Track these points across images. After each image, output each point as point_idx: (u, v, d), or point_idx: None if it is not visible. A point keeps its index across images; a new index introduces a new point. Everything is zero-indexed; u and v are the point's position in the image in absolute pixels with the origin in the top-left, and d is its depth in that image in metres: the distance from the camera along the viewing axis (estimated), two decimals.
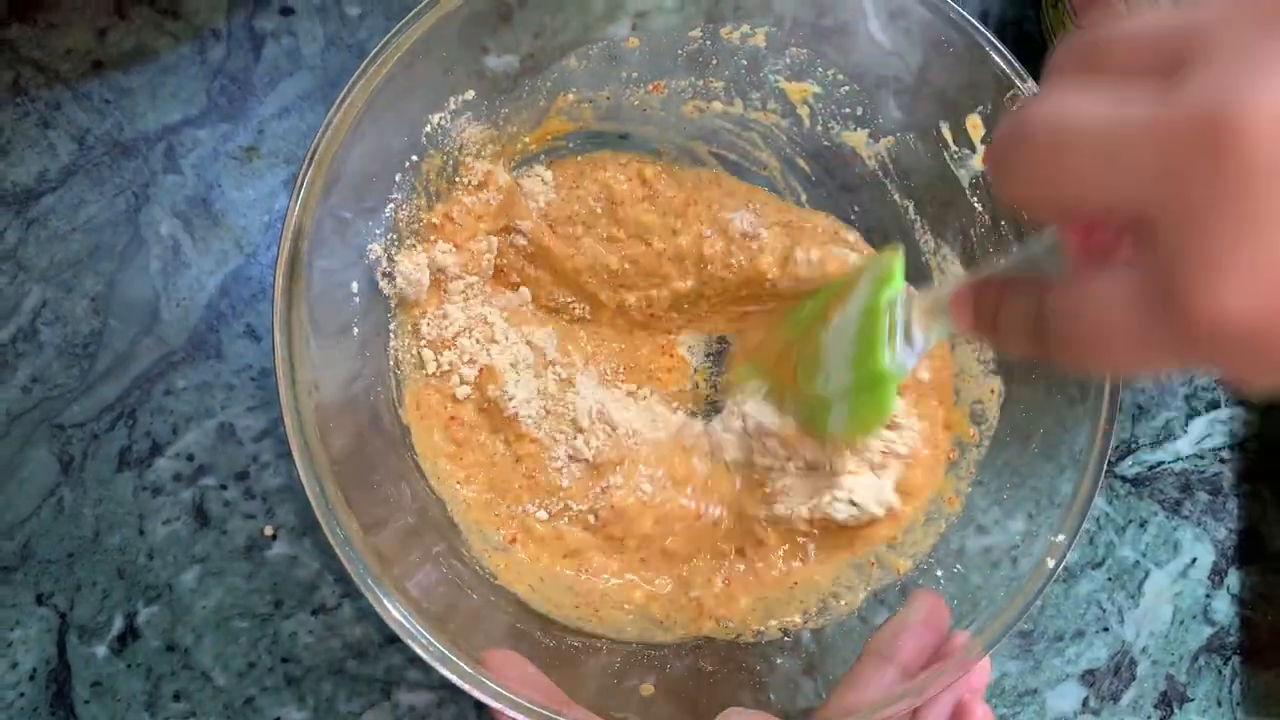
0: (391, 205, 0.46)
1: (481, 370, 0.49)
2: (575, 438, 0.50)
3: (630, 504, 0.49)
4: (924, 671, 0.40)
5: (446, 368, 0.49)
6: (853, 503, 0.47)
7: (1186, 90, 0.21)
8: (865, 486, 0.48)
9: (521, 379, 0.50)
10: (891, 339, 0.40)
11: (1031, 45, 0.62)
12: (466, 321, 0.50)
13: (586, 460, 0.49)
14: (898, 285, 0.41)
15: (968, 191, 0.49)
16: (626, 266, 0.53)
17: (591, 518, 0.49)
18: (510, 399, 0.49)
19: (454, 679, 0.37)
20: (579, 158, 0.53)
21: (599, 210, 0.53)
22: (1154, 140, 0.21)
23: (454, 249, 0.49)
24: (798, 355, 0.49)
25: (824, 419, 0.47)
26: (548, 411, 0.50)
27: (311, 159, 0.40)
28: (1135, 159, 0.22)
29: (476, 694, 0.37)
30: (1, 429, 0.52)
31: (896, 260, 0.42)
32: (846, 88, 0.50)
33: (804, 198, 0.55)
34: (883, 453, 0.48)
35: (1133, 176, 0.22)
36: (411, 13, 0.42)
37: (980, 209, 0.49)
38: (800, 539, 0.50)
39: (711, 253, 0.52)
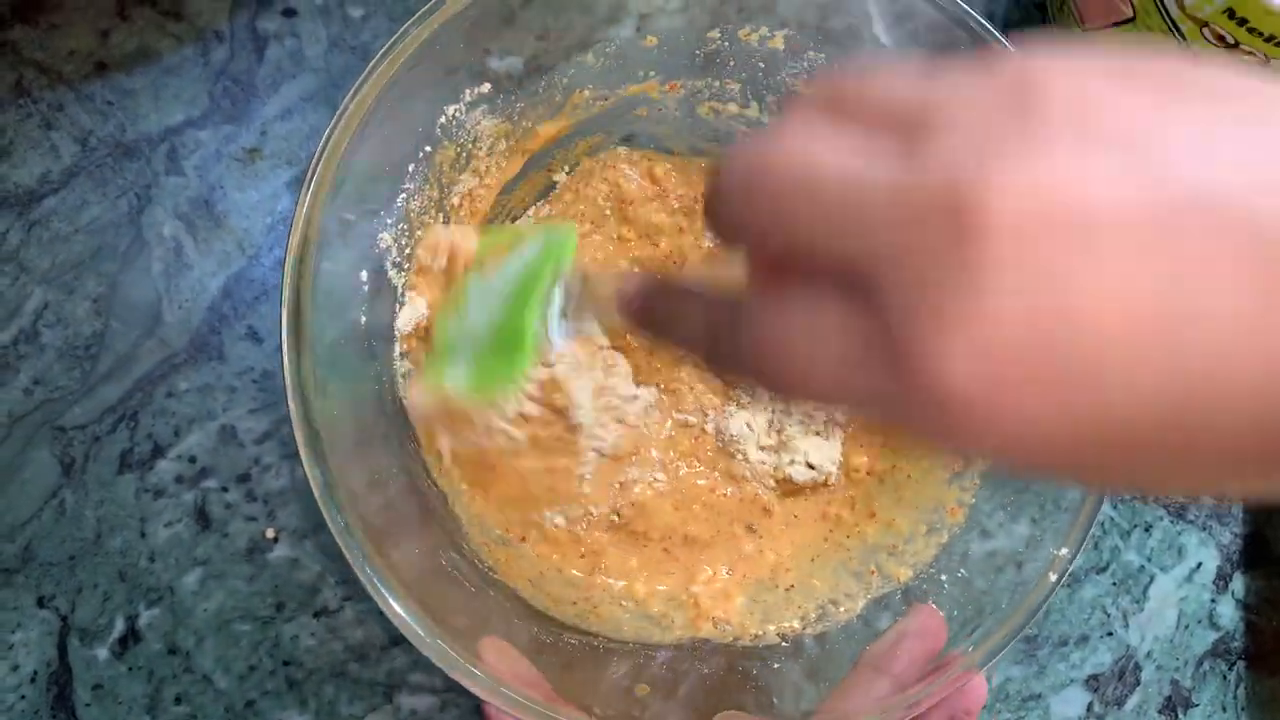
0: (404, 196, 0.46)
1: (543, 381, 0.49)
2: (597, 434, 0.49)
3: (649, 496, 0.50)
4: (918, 684, 0.40)
5: None
6: (809, 464, 0.50)
7: (928, 162, 0.21)
8: (817, 449, 0.51)
9: (582, 381, 0.50)
10: (545, 309, 0.38)
11: None
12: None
13: (605, 455, 0.49)
14: (568, 258, 0.39)
15: None
16: (635, 270, 0.53)
17: (615, 517, 0.50)
18: (579, 407, 0.48)
19: (450, 672, 0.37)
20: (589, 157, 0.54)
21: (608, 211, 0.53)
22: (895, 204, 0.21)
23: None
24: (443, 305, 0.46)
25: (440, 369, 0.43)
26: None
27: (317, 163, 0.40)
28: (875, 217, 0.21)
29: (472, 687, 0.37)
30: (3, 431, 0.52)
31: (572, 234, 0.40)
32: None
33: None
34: (824, 421, 0.51)
35: (868, 233, 0.21)
36: (415, 15, 0.42)
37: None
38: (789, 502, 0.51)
39: (718, 252, 0.52)
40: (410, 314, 0.47)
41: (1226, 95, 0.20)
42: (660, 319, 0.31)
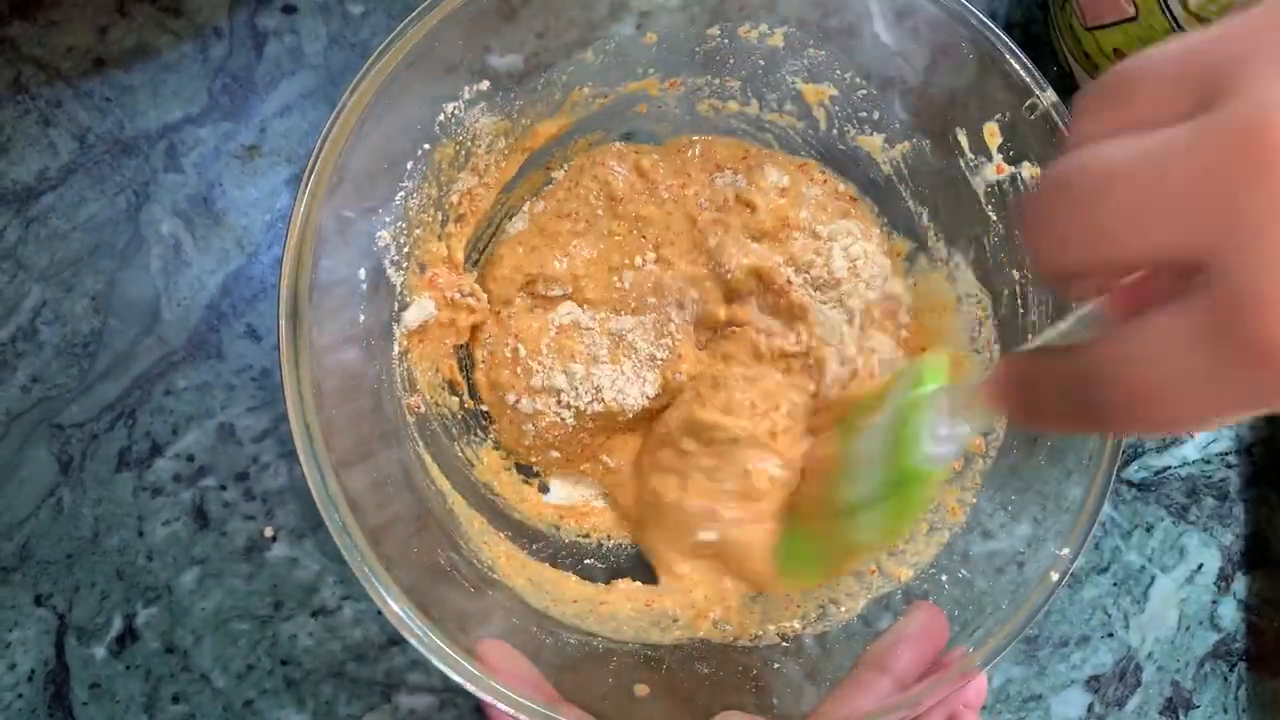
0: (402, 194, 0.46)
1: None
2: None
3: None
4: (919, 683, 0.40)
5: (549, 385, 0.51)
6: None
7: (1224, 112, 0.20)
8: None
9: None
10: (924, 435, 0.38)
11: (1039, 47, 0.62)
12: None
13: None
14: (934, 380, 0.39)
15: (982, 200, 0.48)
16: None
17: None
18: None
19: (449, 671, 0.37)
20: (582, 155, 0.54)
21: (600, 211, 0.53)
22: (1194, 169, 0.20)
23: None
24: (831, 475, 0.47)
25: (851, 530, 0.44)
26: None
27: (315, 161, 0.40)
28: (1177, 194, 0.20)
29: (470, 687, 0.37)
30: (1, 429, 0.52)
31: (934, 361, 0.40)
32: (863, 91, 0.50)
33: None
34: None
35: (1176, 214, 0.21)
36: (414, 12, 0.41)
37: (994, 218, 0.48)
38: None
39: (704, 224, 0.52)
40: (418, 312, 0.48)
41: None
42: (1031, 403, 0.29)
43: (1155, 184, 0.21)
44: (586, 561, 0.52)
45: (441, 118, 0.46)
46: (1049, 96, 0.44)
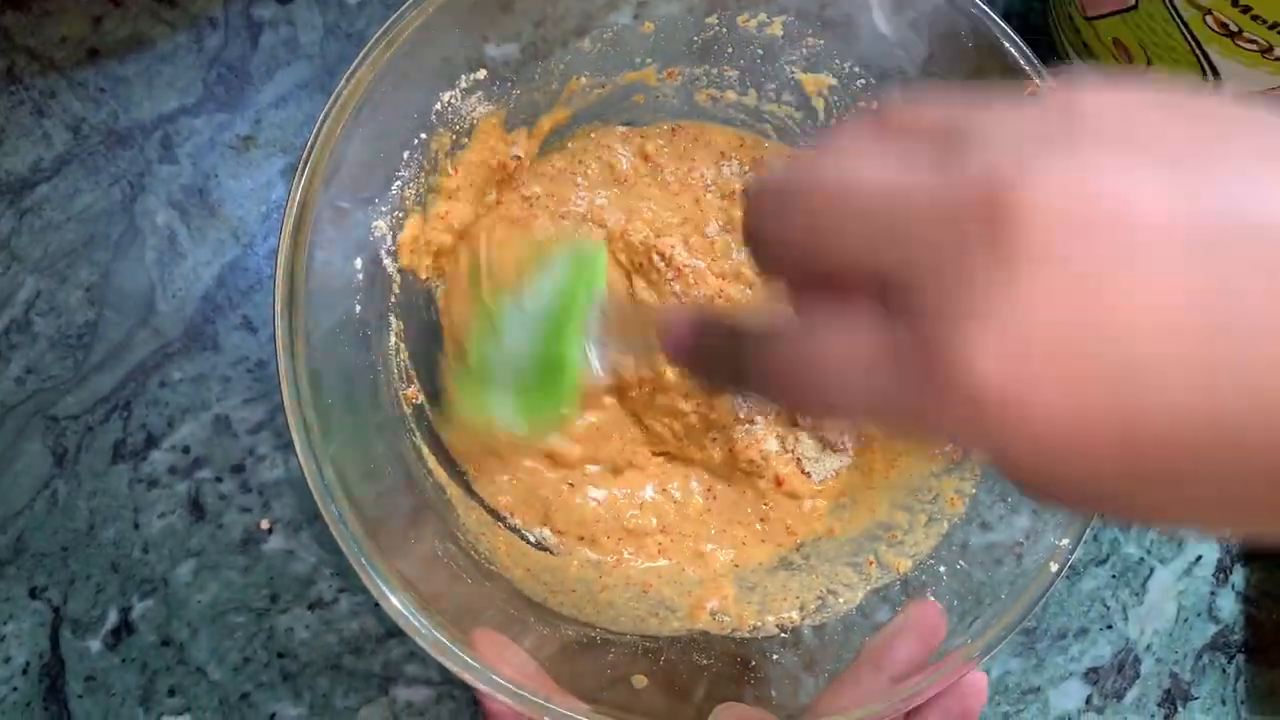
0: (399, 184, 0.46)
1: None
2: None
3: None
4: (916, 676, 0.40)
5: None
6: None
7: (969, 163, 0.21)
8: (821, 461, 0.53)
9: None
10: (583, 335, 0.38)
11: (1038, 38, 0.62)
12: None
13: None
14: (600, 282, 0.39)
15: None
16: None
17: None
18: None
19: (446, 663, 0.37)
20: (588, 135, 0.53)
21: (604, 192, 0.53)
22: (930, 204, 0.21)
23: None
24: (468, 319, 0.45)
25: (485, 399, 0.43)
26: None
27: (310, 150, 0.40)
28: (908, 221, 0.21)
29: (468, 678, 0.37)
30: None
31: (601, 254, 0.40)
32: (862, 81, 0.49)
33: None
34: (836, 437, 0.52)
35: (902, 237, 0.21)
36: (410, 1, 0.41)
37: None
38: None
39: (707, 210, 0.52)
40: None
41: (1274, 131, 0.20)
42: (704, 357, 0.30)
43: (895, 204, 0.22)
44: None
45: (438, 107, 0.46)
46: (1048, 83, 0.44)
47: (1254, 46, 0.47)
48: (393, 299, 0.47)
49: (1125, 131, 0.20)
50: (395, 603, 0.38)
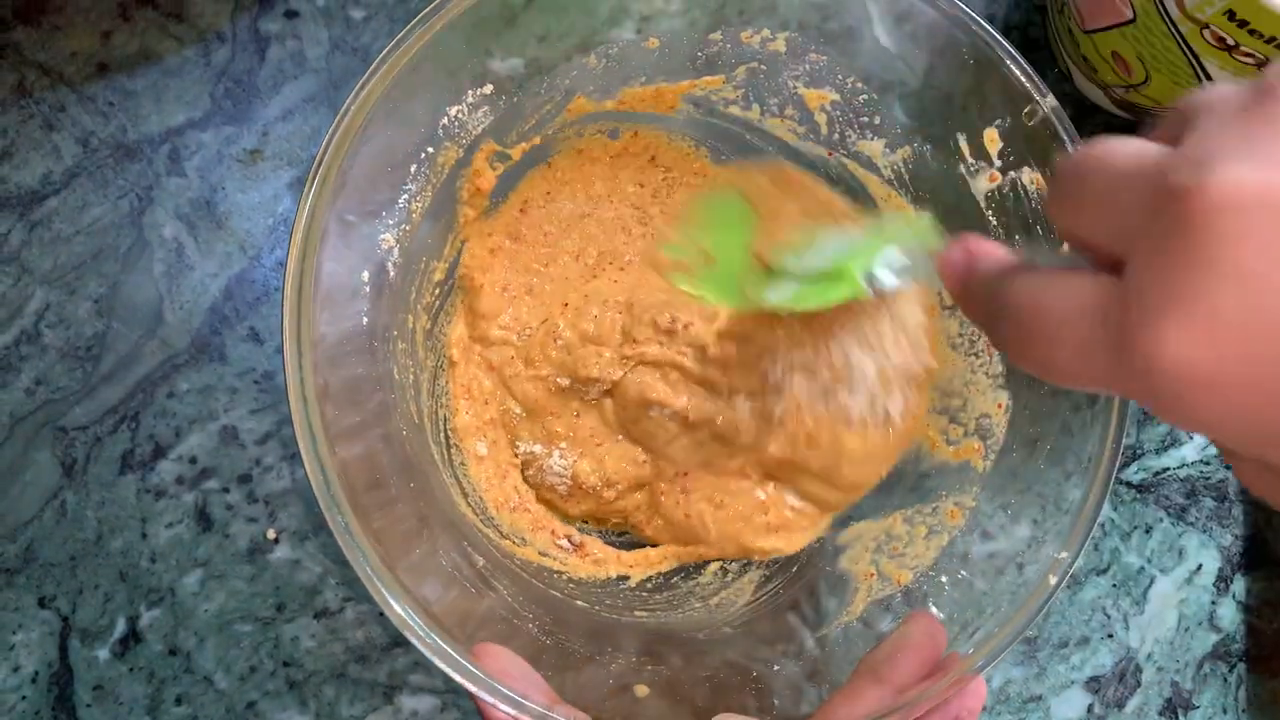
0: (406, 197, 0.46)
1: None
2: None
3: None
4: (917, 687, 0.40)
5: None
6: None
7: (1181, 147, 0.24)
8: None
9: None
10: (877, 259, 0.41)
11: (1037, 51, 0.62)
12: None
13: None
14: (925, 238, 0.41)
15: (983, 205, 0.48)
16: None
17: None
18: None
19: (451, 672, 0.37)
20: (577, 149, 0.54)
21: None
22: (1143, 187, 0.24)
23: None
24: (790, 234, 0.49)
25: (763, 289, 0.46)
26: None
27: (318, 163, 0.40)
28: (1129, 198, 0.24)
29: (472, 688, 0.37)
30: (4, 431, 0.52)
31: (936, 228, 0.42)
32: (864, 96, 0.50)
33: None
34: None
35: (1124, 214, 0.24)
36: (416, 17, 0.42)
37: (995, 223, 0.48)
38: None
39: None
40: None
41: None
42: (971, 287, 0.33)
43: (1118, 183, 0.25)
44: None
45: (444, 121, 0.46)
46: (1048, 101, 0.44)
47: (1251, 60, 0.47)
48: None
49: None
50: (400, 612, 0.38)
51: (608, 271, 0.54)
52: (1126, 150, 0.25)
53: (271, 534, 0.52)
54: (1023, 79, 0.44)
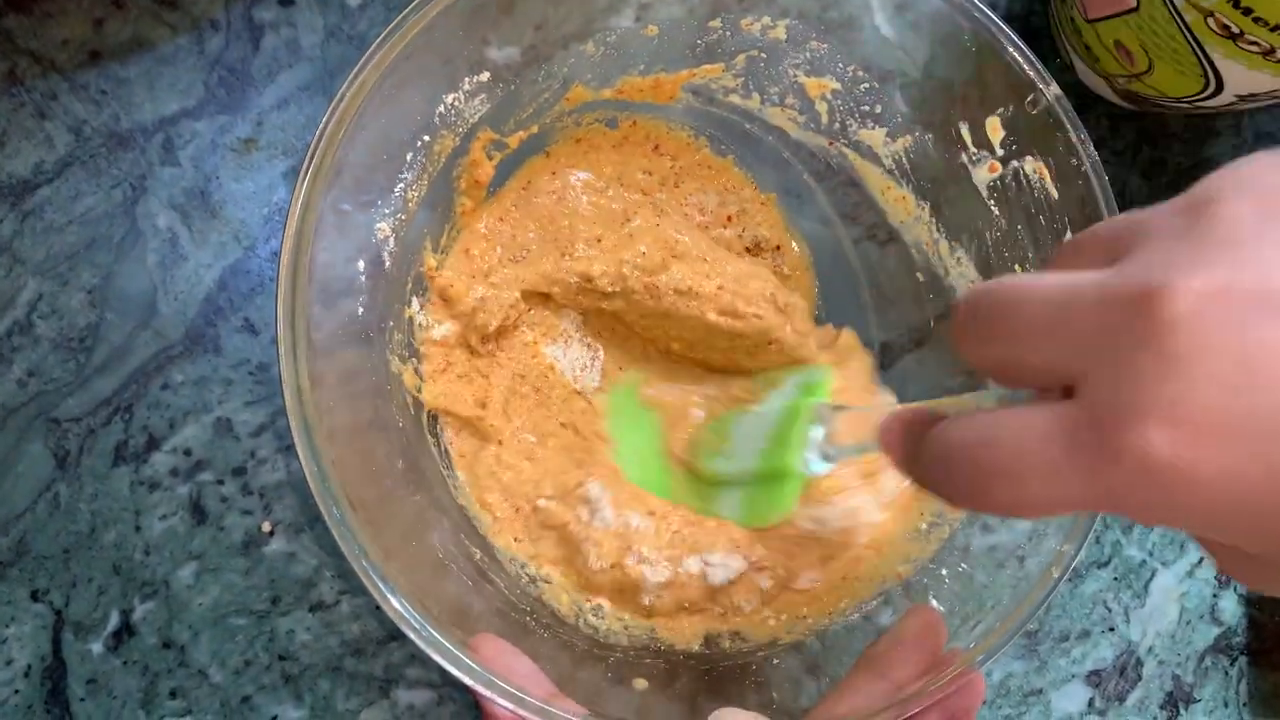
0: (401, 186, 0.46)
1: None
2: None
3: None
4: (917, 682, 0.40)
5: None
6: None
7: (1127, 268, 0.25)
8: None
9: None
10: (805, 443, 0.42)
11: (1039, 40, 0.62)
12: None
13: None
14: (824, 395, 0.43)
15: (985, 194, 0.48)
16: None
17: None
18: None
19: (447, 665, 0.37)
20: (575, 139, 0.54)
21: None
22: (1095, 304, 0.25)
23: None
24: (700, 433, 0.51)
25: (709, 502, 0.48)
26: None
27: (313, 152, 0.40)
28: (1079, 321, 0.25)
29: (468, 681, 0.37)
30: None
31: (829, 376, 0.45)
32: (865, 84, 0.49)
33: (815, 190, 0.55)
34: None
35: (1075, 336, 0.25)
36: (412, 4, 0.41)
37: (997, 213, 0.48)
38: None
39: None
40: (442, 331, 0.50)
41: None
42: (910, 459, 0.33)
43: (1064, 309, 0.26)
44: None
45: (441, 109, 0.46)
46: (1051, 90, 0.44)
47: (1256, 49, 0.47)
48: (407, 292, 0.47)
49: (1253, 226, 0.23)
50: (396, 605, 0.37)
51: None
52: (1050, 281, 0.26)
53: (266, 527, 0.52)
54: (1025, 67, 0.44)
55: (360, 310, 0.44)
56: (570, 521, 0.48)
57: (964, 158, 0.48)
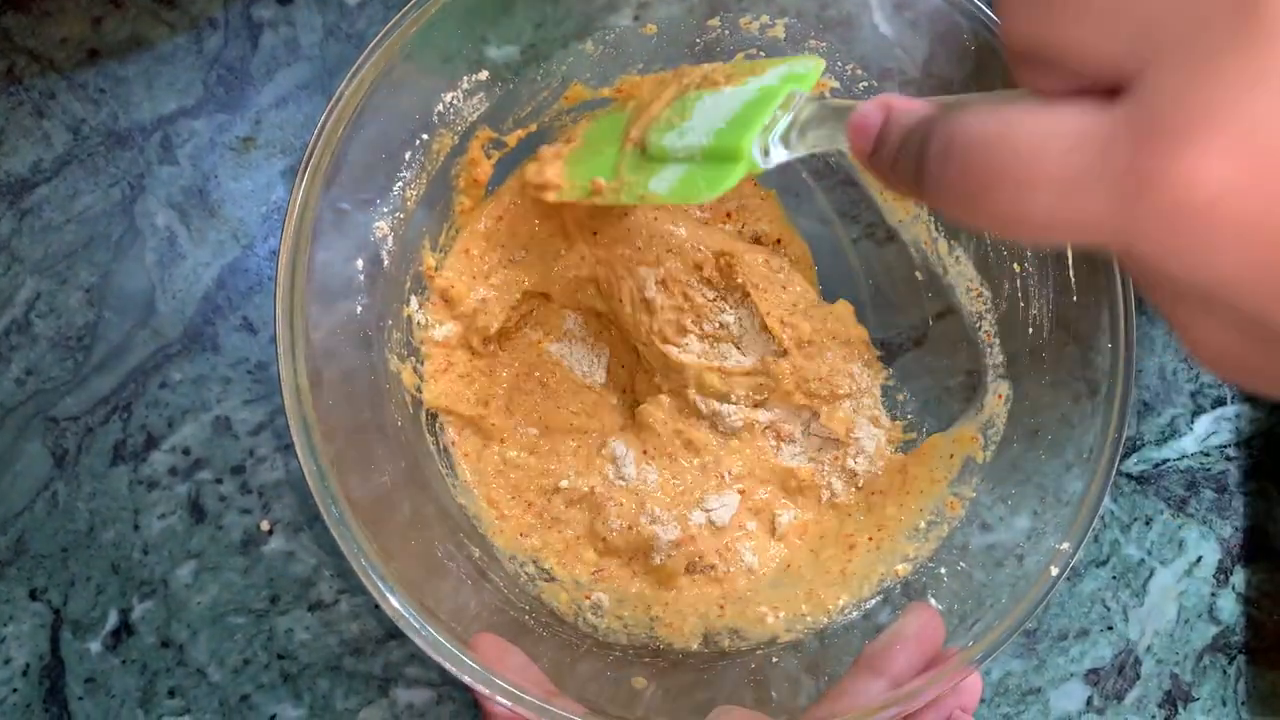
0: (400, 184, 0.46)
1: None
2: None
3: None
4: (916, 680, 0.40)
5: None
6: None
7: None
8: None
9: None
10: (769, 128, 0.37)
11: None
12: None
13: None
14: (807, 85, 0.38)
15: None
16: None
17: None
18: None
19: (446, 664, 0.37)
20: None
21: None
22: None
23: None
24: (660, 109, 0.45)
25: (647, 176, 0.43)
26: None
27: (311, 151, 0.40)
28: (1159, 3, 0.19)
29: (468, 680, 0.37)
30: None
31: (817, 67, 0.40)
32: (864, 83, 0.49)
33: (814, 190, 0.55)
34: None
35: (1144, 13, 0.19)
36: (411, 2, 0.41)
37: None
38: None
39: None
40: (443, 332, 0.50)
41: None
42: (890, 146, 0.27)
43: None
44: None
45: (439, 108, 0.46)
46: None
47: None
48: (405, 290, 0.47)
49: None
50: (395, 604, 0.38)
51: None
52: None
53: (265, 525, 0.52)
54: None
55: (359, 309, 0.44)
56: (596, 484, 0.50)
57: None
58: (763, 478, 0.52)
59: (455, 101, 0.46)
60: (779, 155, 0.38)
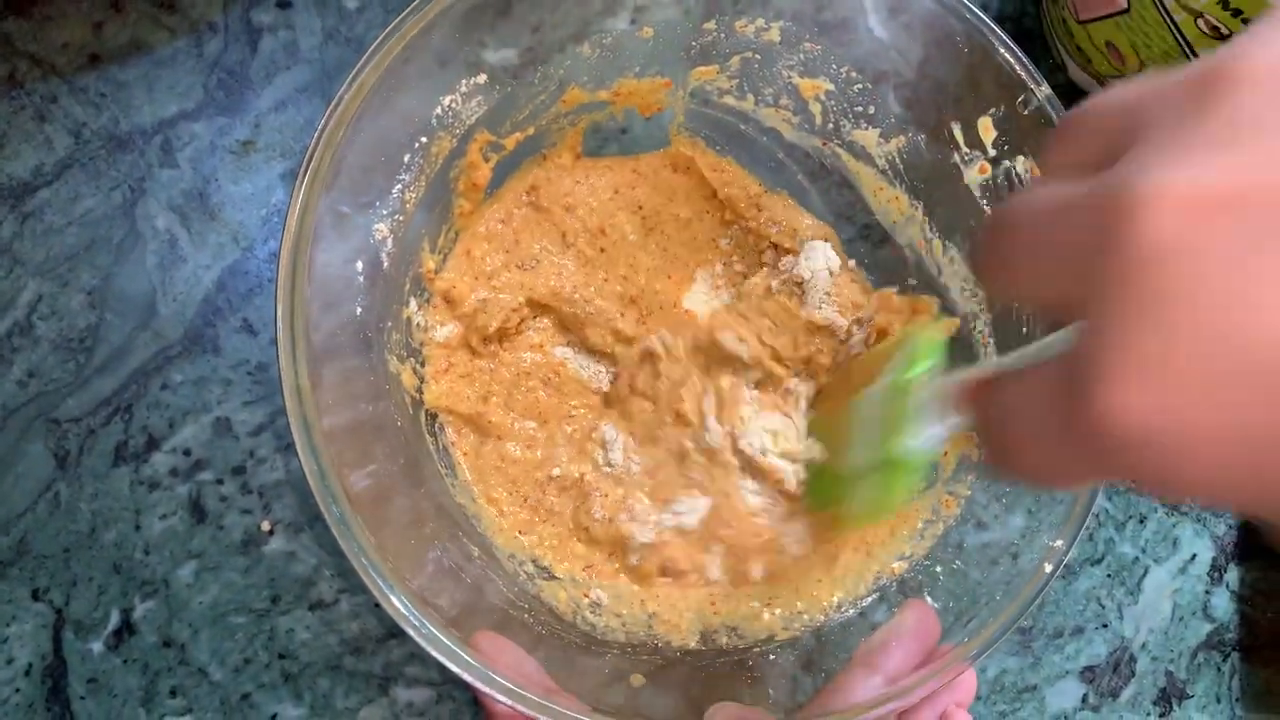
0: (399, 187, 0.46)
1: None
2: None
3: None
4: (911, 676, 0.40)
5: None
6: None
7: (1111, 174, 0.20)
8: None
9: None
10: (906, 424, 0.36)
11: (1031, 41, 0.62)
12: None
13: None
14: (929, 358, 0.37)
15: (977, 194, 0.48)
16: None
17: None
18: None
19: (447, 663, 0.37)
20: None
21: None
22: (1075, 223, 0.20)
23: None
24: (833, 430, 0.46)
25: (838, 496, 0.44)
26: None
27: (311, 154, 0.40)
28: (1062, 242, 0.21)
29: (468, 678, 0.37)
30: None
31: (931, 336, 0.39)
32: (859, 85, 0.50)
33: (809, 191, 0.55)
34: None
35: (1060, 260, 0.21)
36: (410, 6, 0.41)
37: (989, 212, 0.48)
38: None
39: None
40: (445, 333, 0.50)
41: None
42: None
43: (1049, 227, 0.21)
44: None
45: (438, 111, 0.46)
46: (1043, 90, 0.44)
47: None
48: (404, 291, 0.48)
49: (1253, 111, 0.19)
50: (396, 603, 0.38)
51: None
52: (1054, 189, 0.21)
53: (266, 526, 0.52)
54: (1017, 68, 0.44)
55: (359, 311, 0.45)
56: (587, 471, 0.51)
57: (956, 158, 0.48)
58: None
59: (454, 105, 0.46)
60: (931, 444, 0.37)
